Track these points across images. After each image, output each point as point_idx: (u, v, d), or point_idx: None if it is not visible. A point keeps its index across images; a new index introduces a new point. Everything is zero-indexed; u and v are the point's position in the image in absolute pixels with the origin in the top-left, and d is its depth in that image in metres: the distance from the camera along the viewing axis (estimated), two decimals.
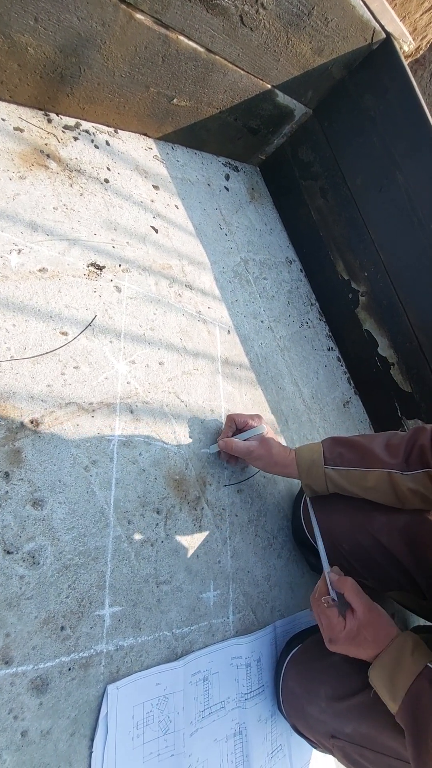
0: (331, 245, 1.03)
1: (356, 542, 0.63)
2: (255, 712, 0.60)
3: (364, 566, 0.63)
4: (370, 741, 0.50)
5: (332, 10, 0.74)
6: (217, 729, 0.56)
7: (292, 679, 0.60)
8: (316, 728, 0.56)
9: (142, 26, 0.64)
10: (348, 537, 0.64)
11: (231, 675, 0.59)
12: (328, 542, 0.66)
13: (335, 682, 0.56)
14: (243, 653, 0.61)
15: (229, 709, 0.58)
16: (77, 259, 0.65)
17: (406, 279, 0.93)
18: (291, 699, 0.59)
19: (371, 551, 0.61)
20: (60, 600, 0.48)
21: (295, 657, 0.62)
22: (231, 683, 0.59)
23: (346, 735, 0.52)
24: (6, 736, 0.42)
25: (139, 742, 0.49)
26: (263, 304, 0.93)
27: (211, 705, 0.57)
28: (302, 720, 0.58)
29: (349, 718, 0.52)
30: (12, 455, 0.50)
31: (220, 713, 0.57)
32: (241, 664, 0.60)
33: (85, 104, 0.73)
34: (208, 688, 0.57)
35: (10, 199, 0.61)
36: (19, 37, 0.58)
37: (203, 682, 0.56)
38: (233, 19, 0.69)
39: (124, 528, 0.56)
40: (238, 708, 0.59)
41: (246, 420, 0.67)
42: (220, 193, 0.97)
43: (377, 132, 0.89)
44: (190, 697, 0.55)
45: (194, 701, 0.55)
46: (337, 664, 0.57)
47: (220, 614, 0.61)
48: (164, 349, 0.70)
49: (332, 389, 1.01)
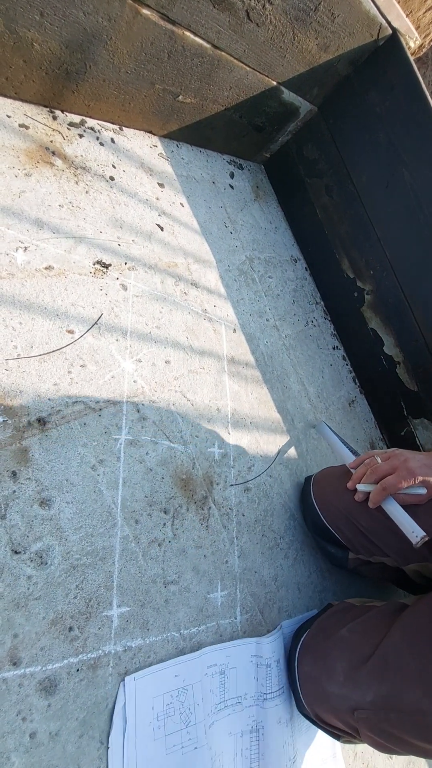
0: (337, 243, 1.03)
1: (374, 517, 0.63)
2: (275, 713, 0.59)
3: (384, 541, 0.64)
4: (392, 702, 0.50)
5: (339, 5, 0.73)
6: (232, 723, 0.56)
7: (308, 664, 0.60)
8: (338, 706, 0.55)
9: (149, 22, 0.63)
10: (365, 513, 0.64)
11: (249, 672, 0.59)
12: (346, 523, 0.67)
13: (349, 654, 0.56)
14: (264, 653, 0.61)
15: (246, 705, 0.58)
16: (83, 257, 0.64)
17: (412, 277, 0.93)
18: (309, 684, 0.59)
19: (390, 524, 0.61)
20: (68, 600, 0.48)
21: (305, 642, 0.62)
22: (249, 680, 0.59)
23: (368, 704, 0.52)
24: (14, 737, 0.41)
25: (161, 734, 0.49)
26: (268, 303, 0.93)
27: (227, 699, 0.56)
28: (324, 702, 0.57)
29: (368, 683, 0.52)
30: (19, 454, 0.49)
31: (236, 708, 0.57)
32: (262, 664, 0.60)
33: (91, 101, 0.72)
34: (224, 682, 0.57)
35: (16, 196, 0.61)
36: (24, 32, 0.57)
37: (219, 675, 0.56)
38: (240, 15, 0.68)
39: (131, 528, 0.55)
40: (256, 706, 0.58)
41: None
42: (225, 191, 0.96)
43: (383, 129, 0.88)
44: (207, 689, 0.55)
45: (210, 693, 0.55)
46: (347, 637, 0.58)
47: (228, 615, 0.61)
48: (170, 348, 0.69)
49: (338, 388, 1.00)
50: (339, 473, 0.72)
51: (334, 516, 0.68)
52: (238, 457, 0.71)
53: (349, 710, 0.53)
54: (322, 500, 0.70)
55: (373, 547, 0.65)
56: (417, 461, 0.61)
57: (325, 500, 0.70)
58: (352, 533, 0.67)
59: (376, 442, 1.05)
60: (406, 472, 0.60)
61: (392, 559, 0.65)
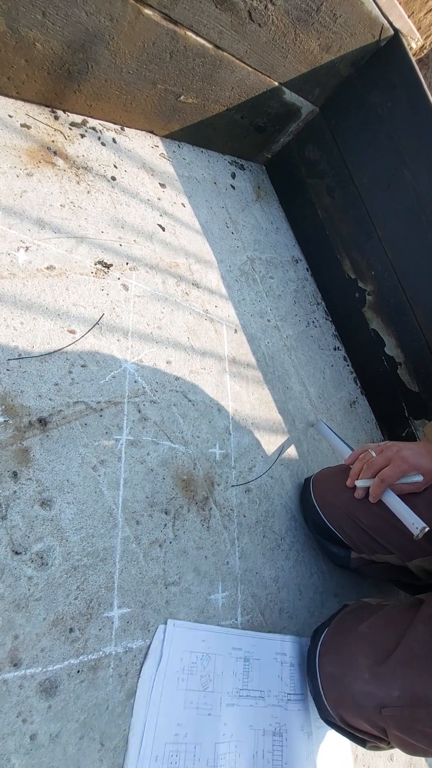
0: (338, 244, 1.03)
1: (375, 514, 0.63)
2: (298, 718, 0.59)
3: (386, 538, 0.64)
4: (420, 696, 0.49)
5: (341, 6, 0.73)
6: (255, 716, 0.56)
7: (329, 664, 0.59)
8: (364, 705, 0.54)
9: (151, 22, 0.63)
10: (366, 510, 0.64)
11: (274, 669, 0.59)
12: (347, 522, 0.67)
13: (371, 649, 0.55)
14: (287, 651, 0.61)
15: (270, 703, 0.57)
16: (85, 256, 0.64)
17: (413, 277, 0.93)
18: (332, 685, 0.57)
19: (392, 520, 0.61)
20: (68, 601, 0.47)
21: (325, 641, 0.61)
22: (273, 677, 0.59)
23: (395, 699, 0.51)
24: (15, 739, 0.41)
25: (183, 686, 0.51)
26: (270, 303, 0.93)
27: (250, 688, 0.57)
28: (349, 703, 0.55)
29: (393, 678, 0.51)
30: (20, 454, 0.49)
31: (259, 702, 0.57)
32: (286, 662, 0.60)
33: (92, 101, 0.72)
34: (249, 670, 0.57)
35: (18, 196, 0.61)
36: (27, 32, 0.57)
37: (243, 662, 0.57)
38: (242, 15, 0.68)
39: (132, 528, 0.55)
40: (279, 706, 0.58)
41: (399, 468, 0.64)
42: (226, 191, 0.96)
43: (385, 129, 0.88)
44: (229, 669, 0.55)
45: (233, 675, 0.55)
46: (367, 633, 0.57)
47: (229, 616, 0.61)
48: (171, 348, 0.69)
49: (339, 389, 1.00)
50: (338, 472, 0.72)
51: (336, 515, 0.68)
52: (239, 458, 0.71)
53: (376, 708, 0.52)
54: (323, 500, 0.70)
55: (375, 545, 0.65)
56: (410, 450, 0.63)
57: (326, 500, 0.70)
58: (354, 532, 0.66)
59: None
60: (400, 461, 0.61)
61: (396, 556, 0.64)
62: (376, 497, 0.62)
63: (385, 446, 0.65)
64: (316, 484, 0.73)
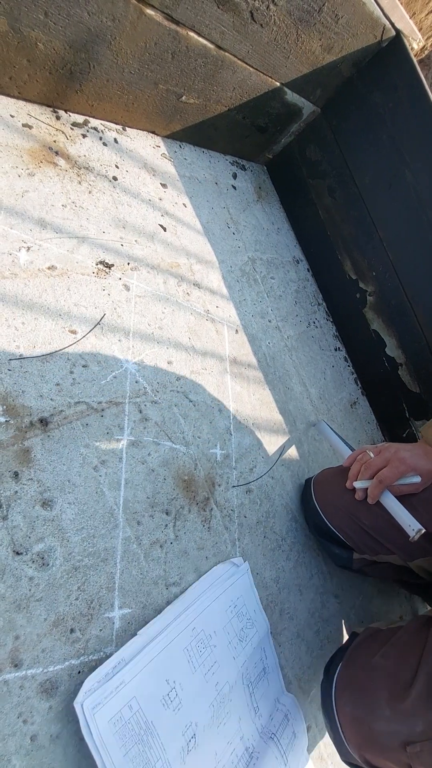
0: (339, 244, 1.03)
1: (376, 514, 0.63)
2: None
3: (388, 538, 0.64)
4: None
5: (343, 6, 0.73)
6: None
7: (348, 703, 0.56)
8: (389, 744, 0.52)
9: (153, 22, 0.63)
10: (367, 511, 0.64)
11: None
12: (349, 523, 0.67)
13: (388, 682, 0.54)
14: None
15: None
16: (86, 257, 0.64)
17: (414, 278, 0.93)
18: (354, 726, 0.55)
19: (392, 520, 0.61)
20: (69, 602, 0.47)
21: (340, 676, 0.59)
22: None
23: (419, 734, 0.49)
24: (15, 740, 0.41)
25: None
26: (271, 304, 0.93)
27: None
28: (374, 744, 0.53)
29: (416, 712, 0.50)
30: (21, 455, 0.49)
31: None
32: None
33: (94, 101, 0.72)
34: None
35: (19, 196, 0.61)
36: (29, 32, 0.57)
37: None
38: (244, 15, 0.68)
39: (133, 529, 0.55)
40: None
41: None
42: (227, 191, 0.96)
43: (386, 130, 0.88)
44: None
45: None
46: (382, 664, 0.56)
47: None
48: (173, 348, 0.69)
49: (339, 390, 1.00)
50: (338, 473, 0.72)
51: (337, 516, 0.68)
52: (240, 459, 0.71)
53: (401, 746, 0.50)
54: (324, 501, 0.70)
55: (377, 546, 0.65)
56: (407, 451, 0.63)
57: (327, 501, 0.70)
58: (355, 533, 0.66)
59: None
60: (398, 462, 0.61)
61: (397, 556, 0.64)
62: (374, 498, 0.62)
63: (383, 447, 0.65)
64: (317, 485, 0.73)
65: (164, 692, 0.48)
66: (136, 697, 0.46)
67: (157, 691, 0.48)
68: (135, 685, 0.46)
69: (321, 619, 0.73)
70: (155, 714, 0.47)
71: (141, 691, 0.46)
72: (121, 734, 0.44)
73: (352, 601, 0.79)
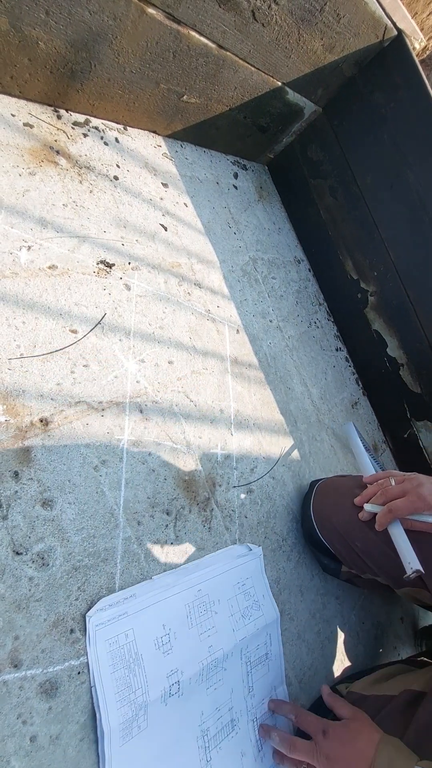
0: (340, 244, 1.02)
1: (370, 540, 0.62)
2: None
3: (377, 564, 0.63)
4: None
5: (344, 6, 0.73)
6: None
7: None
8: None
9: (154, 21, 0.63)
10: (361, 534, 0.63)
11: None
12: (341, 541, 0.65)
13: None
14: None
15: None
16: (87, 256, 0.64)
17: (416, 278, 0.92)
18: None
19: (384, 547, 0.60)
20: (69, 602, 0.47)
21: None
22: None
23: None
24: (15, 741, 0.41)
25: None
26: (272, 304, 0.92)
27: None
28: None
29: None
30: (21, 454, 0.49)
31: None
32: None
33: (95, 100, 0.72)
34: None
35: (20, 195, 0.60)
36: (30, 30, 0.57)
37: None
38: (245, 15, 0.68)
39: (133, 529, 0.55)
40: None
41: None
42: (228, 191, 0.96)
43: (388, 130, 0.88)
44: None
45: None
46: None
47: None
48: (173, 348, 0.69)
49: (341, 390, 1.00)
50: (343, 488, 0.69)
51: (330, 532, 0.66)
52: (240, 459, 0.71)
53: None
54: (320, 514, 0.69)
55: (365, 567, 0.64)
56: (430, 488, 0.58)
57: (323, 515, 0.68)
58: (345, 551, 0.65)
59: (379, 445, 1.05)
60: (416, 497, 0.57)
61: (384, 580, 0.64)
62: (381, 527, 0.59)
63: (408, 477, 0.61)
64: (318, 494, 0.72)
65: (159, 635, 0.52)
66: (133, 629, 0.50)
67: (152, 631, 0.51)
68: (135, 618, 0.50)
69: (322, 619, 0.72)
70: (146, 650, 0.50)
71: (138, 626, 0.50)
72: (113, 655, 0.48)
73: (353, 601, 0.79)
